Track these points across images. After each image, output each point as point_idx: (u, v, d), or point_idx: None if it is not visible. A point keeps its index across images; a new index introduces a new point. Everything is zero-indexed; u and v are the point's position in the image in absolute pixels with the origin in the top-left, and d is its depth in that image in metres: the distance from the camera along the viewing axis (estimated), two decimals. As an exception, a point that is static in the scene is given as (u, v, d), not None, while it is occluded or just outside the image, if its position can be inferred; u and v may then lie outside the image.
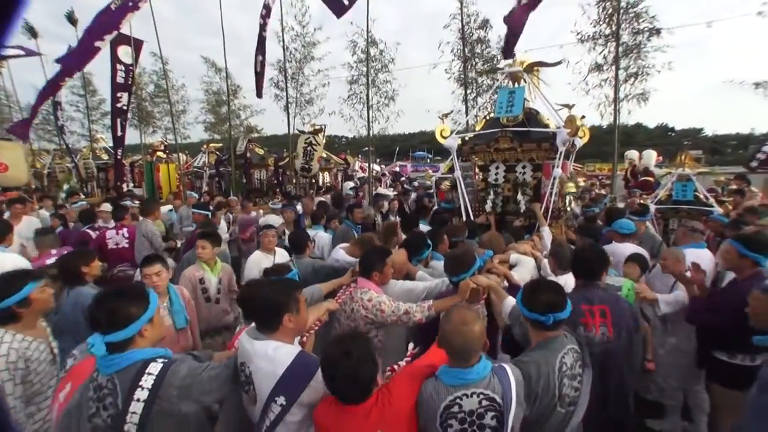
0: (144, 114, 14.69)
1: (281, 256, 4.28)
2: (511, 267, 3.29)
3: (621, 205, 7.52)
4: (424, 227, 5.43)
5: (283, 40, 11.80)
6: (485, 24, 10.23)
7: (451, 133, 5.51)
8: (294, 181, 12.51)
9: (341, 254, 3.90)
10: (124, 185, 12.11)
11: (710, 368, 3.03)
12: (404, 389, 1.80)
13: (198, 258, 3.84)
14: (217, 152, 14.78)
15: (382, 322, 2.65)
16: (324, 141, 11.92)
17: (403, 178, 19.18)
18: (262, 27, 10.80)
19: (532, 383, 1.86)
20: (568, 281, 2.99)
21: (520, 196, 5.22)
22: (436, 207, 8.07)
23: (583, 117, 5.18)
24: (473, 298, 2.58)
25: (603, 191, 10.27)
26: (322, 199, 9.77)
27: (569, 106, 4.80)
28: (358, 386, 1.66)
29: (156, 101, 15.23)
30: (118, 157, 11.01)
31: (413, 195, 11.47)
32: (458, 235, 4.32)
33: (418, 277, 3.28)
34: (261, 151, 13.69)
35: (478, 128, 5.71)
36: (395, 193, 11.53)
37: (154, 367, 1.63)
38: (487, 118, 5.77)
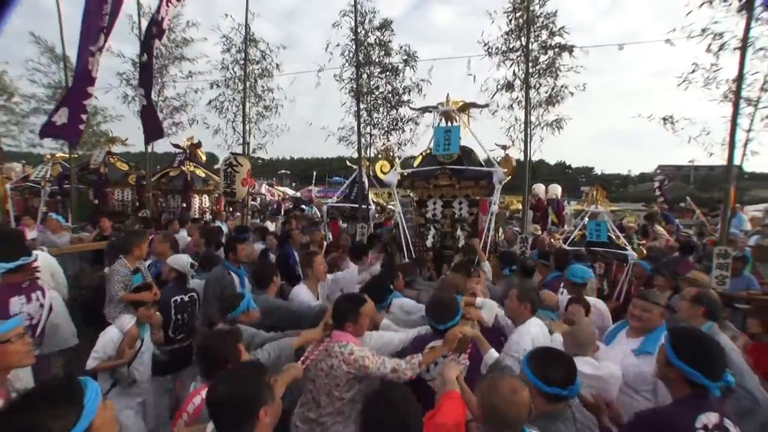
0: None
1: None
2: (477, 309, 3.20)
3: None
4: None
5: (140, 27, 9.40)
6: (386, 25, 8.52)
7: (391, 168, 5.47)
8: (156, 203, 10.48)
9: (303, 294, 3.50)
10: None
11: None
12: None
13: None
14: (66, 164, 11.56)
15: (366, 376, 2.35)
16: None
17: (303, 206, 17.21)
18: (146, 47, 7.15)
19: None
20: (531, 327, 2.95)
21: (458, 232, 5.31)
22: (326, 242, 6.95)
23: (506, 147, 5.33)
24: (461, 348, 2.42)
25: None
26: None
27: (505, 147, 5.07)
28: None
29: None
30: None
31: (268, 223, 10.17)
32: (410, 273, 4.17)
33: (383, 326, 3.03)
34: (125, 167, 11.37)
35: (416, 164, 5.76)
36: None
37: None
38: (424, 154, 5.86)
